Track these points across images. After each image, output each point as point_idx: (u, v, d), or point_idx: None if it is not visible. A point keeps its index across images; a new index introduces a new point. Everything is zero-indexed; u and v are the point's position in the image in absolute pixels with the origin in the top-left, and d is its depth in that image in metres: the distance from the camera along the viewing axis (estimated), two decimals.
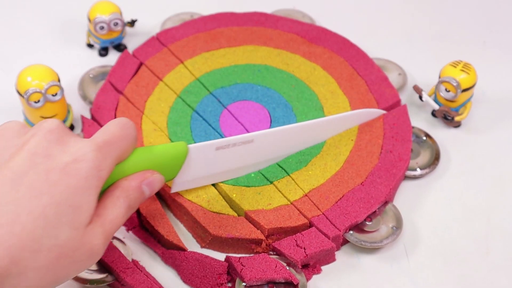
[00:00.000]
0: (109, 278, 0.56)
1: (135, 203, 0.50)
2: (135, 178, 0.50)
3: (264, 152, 0.61)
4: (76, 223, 0.45)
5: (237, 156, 0.59)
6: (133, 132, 0.50)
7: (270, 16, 0.78)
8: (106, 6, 0.74)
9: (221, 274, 0.57)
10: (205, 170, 0.58)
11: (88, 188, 0.46)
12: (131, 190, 0.50)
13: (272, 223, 0.58)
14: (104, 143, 0.48)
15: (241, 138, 0.58)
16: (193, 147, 0.55)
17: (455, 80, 0.66)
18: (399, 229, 0.59)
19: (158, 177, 0.52)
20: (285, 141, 0.62)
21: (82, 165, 0.46)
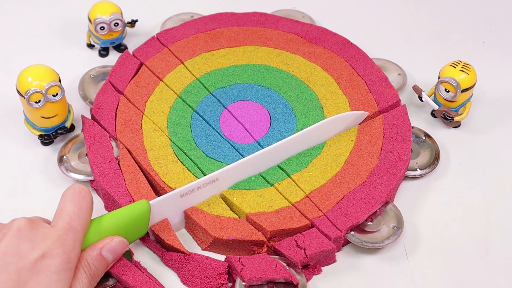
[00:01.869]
0: (111, 282, 0.56)
1: (98, 270, 0.53)
2: (94, 247, 0.53)
3: (232, 181, 0.61)
4: None
5: (205, 195, 0.60)
6: (88, 199, 0.53)
7: (270, 16, 0.78)
8: (107, 6, 0.74)
9: (222, 274, 0.57)
10: (177, 216, 0.60)
11: (60, 281, 0.49)
12: (91, 260, 0.52)
13: (274, 225, 0.58)
14: (66, 232, 0.50)
15: (205, 180, 0.59)
16: (154, 202, 0.57)
17: (454, 80, 0.66)
18: (400, 229, 0.60)
19: (118, 241, 0.54)
20: (251, 169, 0.62)
21: (51, 262, 0.49)
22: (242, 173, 0.62)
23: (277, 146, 0.62)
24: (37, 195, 0.64)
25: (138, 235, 0.57)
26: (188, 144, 0.64)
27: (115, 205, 0.61)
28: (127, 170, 0.62)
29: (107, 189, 0.61)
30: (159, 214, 0.58)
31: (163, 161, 0.63)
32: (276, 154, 0.62)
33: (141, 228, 0.57)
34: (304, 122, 0.66)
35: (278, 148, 0.62)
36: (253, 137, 0.65)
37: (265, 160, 0.62)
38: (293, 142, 0.63)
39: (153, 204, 0.57)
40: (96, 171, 0.62)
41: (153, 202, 0.57)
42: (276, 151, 0.62)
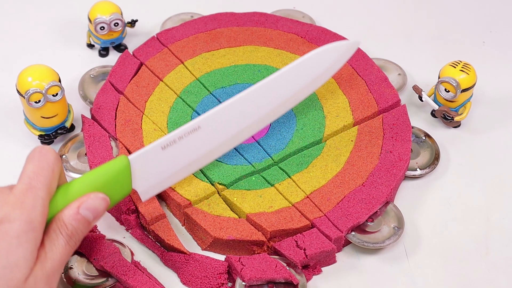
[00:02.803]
0: (110, 282, 0.56)
1: (76, 230, 0.49)
2: (70, 206, 0.50)
3: (218, 133, 0.58)
4: (14, 281, 0.45)
5: (190, 147, 0.57)
6: (50, 157, 0.49)
7: (270, 16, 0.78)
8: (107, 6, 0.74)
9: (221, 273, 0.57)
10: (163, 172, 0.57)
11: (22, 245, 0.46)
12: (67, 219, 0.49)
13: (274, 226, 0.58)
14: (24, 193, 0.47)
15: (186, 128, 0.56)
16: (133, 157, 0.54)
17: (454, 80, 0.66)
18: (400, 229, 0.60)
19: (97, 197, 0.50)
20: (236, 116, 0.59)
21: (9, 227, 0.46)
22: (225, 123, 0.58)
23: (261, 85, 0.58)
24: None
25: (121, 193, 0.53)
26: None
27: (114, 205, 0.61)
28: None
29: None
30: (142, 170, 0.55)
31: None
32: (261, 99, 0.59)
33: (123, 186, 0.53)
34: (304, 122, 0.66)
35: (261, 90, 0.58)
36: (253, 137, 0.65)
37: (248, 105, 0.58)
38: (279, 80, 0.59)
39: (133, 159, 0.54)
40: None
41: (132, 156, 0.54)
42: (260, 94, 0.58)
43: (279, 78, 0.59)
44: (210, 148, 0.59)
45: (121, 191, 0.54)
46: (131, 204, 0.60)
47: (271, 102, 0.60)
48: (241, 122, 0.60)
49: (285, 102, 0.61)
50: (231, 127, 0.59)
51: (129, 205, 0.60)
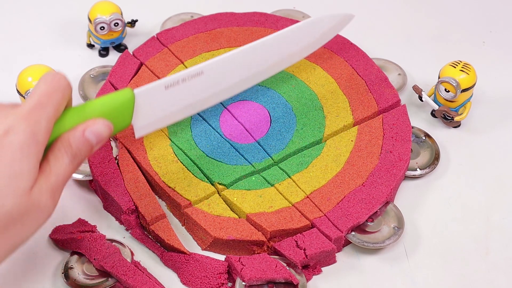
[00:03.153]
0: (110, 282, 0.56)
1: (80, 151, 0.51)
2: (76, 128, 0.51)
3: (218, 81, 0.60)
4: (19, 190, 0.46)
5: (190, 91, 0.59)
6: (63, 81, 0.50)
7: (270, 16, 0.78)
8: (107, 6, 0.74)
9: (221, 273, 0.57)
10: (162, 111, 0.58)
11: (25, 157, 0.47)
12: (72, 140, 0.50)
13: (274, 226, 0.58)
14: (33, 108, 0.48)
15: (190, 71, 0.58)
16: (138, 91, 0.55)
17: (454, 80, 0.66)
18: (401, 229, 0.60)
19: (102, 122, 0.51)
20: (236, 67, 0.61)
21: (14, 138, 0.47)
22: (226, 71, 0.60)
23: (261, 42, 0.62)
24: None
25: (121, 125, 0.54)
26: (188, 144, 0.64)
27: (114, 205, 0.61)
28: (125, 170, 0.62)
29: (106, 188, 0.61)
30: (144, 107, 0.56)
31: (162, 161, 0.63)
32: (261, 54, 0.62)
33: (124, 118, 0.54)
34: (304, 122, 0.66)
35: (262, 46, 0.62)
36: (253, 137, 0.65)
37: (249, 58, 0.61)
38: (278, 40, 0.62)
39: (138, 94, 0.55)
40: (95, 170, 0.62)
41: (137, 90, 0.55)
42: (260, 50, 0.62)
43: (278, 38, 0.62)
44: (210, 94, 0.60)
45: (122, 122, 0.54)
46: (131, 204, 0.60)
47: (268, 59, 0.63)
48: (241, 73, 0.62)
49: (280, 62, 0.65)
50: (231, 76, 0.61)
51: (129, 205, 0.60)
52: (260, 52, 0.62)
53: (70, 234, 0.59)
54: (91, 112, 0.52)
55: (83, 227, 0.60)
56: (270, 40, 0.62)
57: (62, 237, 0.59)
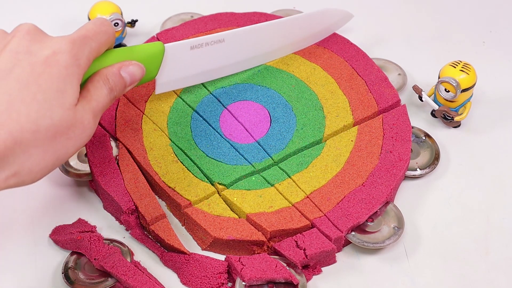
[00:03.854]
0: (110, 282, 0.56)
1: (116, 87, 0.56)
2: (113, 65, 0.56)
3: (236, 51, 0.67)
4: (66, 104, 0.51)
5: (211, 56, 0.65)
6: (110, 28, 0.56)
7: (270, 16, 0.78)
8: (107, 6, 0.74)
9: (221, 273, 0.57)
10: (183, 70, 0.64)
11: (69, 75, 0.51)
12: (110, 75, 0.55)
13: (274, 226, 0.58)
14: (78, 37, 0.53)
15: (213, 37, 0.64)
16: (169, 45, 0.61)
17: (454, 80, 0.66)
18: (401, 229, 0.60)
19: (137, 65, 0.57)
20: (255, 40, 0.68)
21: (61, 57, 0.51)
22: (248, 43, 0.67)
23: (281, 21, 0.69)
24: (36, 194, 0.64)
25: (148, 77, 0.60)
26: (188, 144, 0.64)
27: (114, 205, 0.61)
28: (125, 170, 0.62)
29: (106, 188, 0.61)
30: (169, 63, 0.62)
31: (163, 161, 0.63)
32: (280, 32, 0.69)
33: (151, 70, 0.60)
34: (304, 122, 0.66)
35: (280, 24, 0.69)
36: (253, 137, 0.65)
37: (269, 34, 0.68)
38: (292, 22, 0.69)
39: (167, 48, 0.60)
40: (95, 170, 0.62)
41: (166, 45, 0.60)
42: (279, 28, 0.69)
43: (294, 21, 0.70)
44: (229, 62, 0.67)
45: (149, 73, 0.60)
46: (131, 204, 0.60)
47: (281, 40, 0.70)
48: (257, 47, 0.69)
49: (290, 45, 0.72)
50: (248, 49, 0.68)
51: (129, 205, 0.60)
52: (278, 30, 0.69)
53: (70, 234, 0.59)
54: (125, 55, 0.57)
55: (83, 227, 0.60)
56: (286, 21, 0.69)
57: (62, 237, 0.59)
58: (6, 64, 0.50)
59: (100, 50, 0.55)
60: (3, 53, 0.51)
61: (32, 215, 0.62)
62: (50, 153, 0.51)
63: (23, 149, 0.49)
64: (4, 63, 0.50)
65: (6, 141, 0.48)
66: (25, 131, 0.48)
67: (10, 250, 0.59)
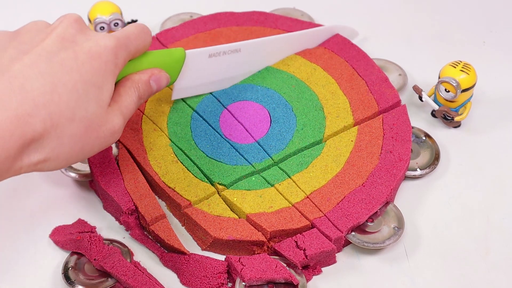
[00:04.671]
0: (110, 282, 0.56)
1: (144, 94, 0.57)
2: (144, 72, 0.57)
3: (250, 61, 0.68)
4: (101, 101, 0.52)
5: (227, 65, 0.66)
6: (149, 36, 0.57)
7: (269, 16, 0.78)
8: (107, 6, 0.74)
9: (221, 273, 0.57)
10: (200, 77, 0.65)
11: (108, 72, 0.52)
12: (140, 83, 0.57)
13: (274, 226, 0.58)
14: (122, 37, 0.54)
15: (230, 46, 0.66)
16: (189, 52, 0.62)
17: (454, 80, 0.66)
18: (401, 229, 0.60)
19: (165, 74, 0.59)
20: (268, 51, 0.69)
21: (104, 51, 0.52)
22: (264, 54, 0.69)
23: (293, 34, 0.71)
24: (36, 194, 0.64)
25: (171, 79, 0.61)
26: (188, 144, 0.64)
27: (114, 205, 0.61)
28: (125, 170, 0.62)
29: (106, 189, 0.61)
30: (188, 69, 0.63)
31: (162, 161, 0.63)
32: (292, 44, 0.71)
33: (172, 74, 0.61)
34: (304, 122, 0.66)
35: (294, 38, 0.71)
36: (253, 137, 0.65)
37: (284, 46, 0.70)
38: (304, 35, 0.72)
39: (188, 54, 0.62)
40: (95, 171, 0.62)
41: (188, 51, 0.62)
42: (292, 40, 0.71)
43: (303, 36, 0.72)
44: (243, 72, 0.69)
45: (171, 78, 0.61)
46: (131, 204, 0.60)
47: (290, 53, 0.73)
48: (269, 59, 0.71)
49: None
50: (262, 60, 0.70)
51: (129, 205, 0.60)
52: (289, 43, 0.71)
53: (70, 234, 0.59)
54: (151, 60, 0.58)
55: (83, 228, 0.60)
56: (300, 35, 0.71)
57: (62, 237, 0.59)
58: (52, 47, 0.51)
59: (135, 54, 0.56)
60: (51, 36, 0.51)
61: (32, 215, 0.62)
62: (79, 146, 0.51)
63: (58, 135, 0.49)
64: (50, 46, 0.51)
65: (45, 122, 0.48)
66: (63, 116, 0.49)
67: (10, 250, 0.59)
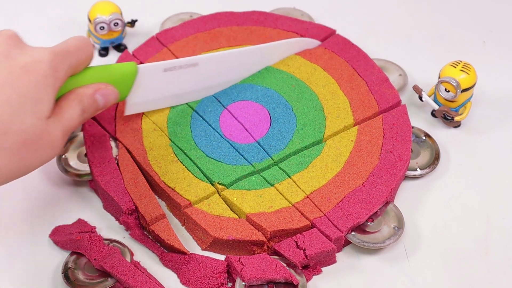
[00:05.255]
0: (110, 282, 0.56)
1: (89, 109, 0.56)
2: (90, 86, 0.56)
3: (209, 76, 0.66)
4: (38, 114, 0.50)
5: (184, 79, 0.64)
6: (90, 47, 0.56)
7: (269, 15, 0.78)
8: (107, 6, 0.74)
9: (221, 272, 0.57)
10: (155, 92, 0.63)
11: (46, 86, 0.51)
12: (84, 96, 0.55)
13: (274, 226, 0.58)
14: (60, 50, 0.53)
15: (187, 60, 0.63)
16: (142, 66, 0.60)
17: (455, 80, 0.66)
18: (401, 229, 0.60)
19: (112, 89, 0.57)
20: (227, 66, 0.67)
21: (41, 66, 0.51)
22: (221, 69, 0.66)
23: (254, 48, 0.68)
24: (36, 195, 0.64)
25: (121, 95, 0.59)
26: (188, 144, 0.64)
27: (114, 205, 0.61)
28: (125, 170, 0.62)
29: (106, 188, 0.61)
30: (142, 83, 0.61)
31: (162, 161, 0.63)
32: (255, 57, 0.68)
33: (123, 90, 0.59)
34: (304, 122, 0.66)
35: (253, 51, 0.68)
36: (253, 137, 0.65)
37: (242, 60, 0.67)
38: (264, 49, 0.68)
39: (140, 69, 0.59)
40: (95, 170, 0.62)
41: (140, 66, 0.60)
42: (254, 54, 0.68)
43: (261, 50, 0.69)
44: (201, 86, 0.66)
45: (121, 93, 0.59)
46: (131, 204, 0.60)
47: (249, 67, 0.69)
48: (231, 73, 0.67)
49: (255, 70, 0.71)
50: (222, 74, 0.67)
51: (129, 205, 0.60)
52: (250, 56, 0.68)
53: (70, 234, 0.59)
54: (97, 75, 0.56)
55: (83, 228, 0.60)
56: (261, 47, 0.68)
57: (61, 237, 0.59)
58: None
59: (78, 68, 0.55)
60: None
61: (32, 215, 0.62)
62: (16, 160, 0.50)
63: None
64: None
65: None
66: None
67: (10, 250, 0.59)
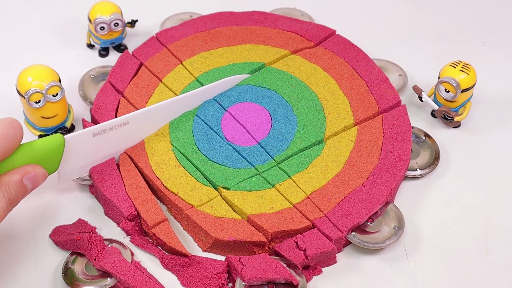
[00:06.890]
0: (110, 282, 0.56)
1: (17, 197, 0.54)
2: (16, 172, 0.54)
3: (141, 130, 0.64)
4: None
5: (115, 140, 0.62)
6: (18, 130, 0.53)
7: (269, 15, 0.78)
8: (107, 6, 0.74)
9: (221, 273, 0.57)
10: (87, 158, 0.61)
11: None
12: (11, 185, 0.53)
13: (276, 227, 0.58)
14: None
15: (116, 121, 0.61)
16: (69, 137, 0.58)
17: (454, 80, 0.66)
18: (401, 229, 0.60)
19: (40, 170, 0.55)
20: (159, 117, 0.65)
21: None
22: (153, 121, 0.64)
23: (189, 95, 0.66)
24: (36, 195, 0.63)
25: (52, 168, 0.57)
26: (190, 148, 0.64)
27: (115, 211, 0.61)
28: (126, 175, 0.62)
29: (107, 194, 0.61)
30: (73, 151, 0.59)
31: (165, 166, 0.63)
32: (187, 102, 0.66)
33: (52, 163, 0.57)
34: (305, 122, 0.66)
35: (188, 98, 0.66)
36: (255, 138, 0.65)
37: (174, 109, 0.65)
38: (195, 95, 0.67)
39: (66, 139, 0.58)
40: (95, 176, 0.62)
41: (67, 136, 0.58)
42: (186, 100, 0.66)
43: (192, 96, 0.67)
44: (134, 142, 0.64)
45: (51, 167, 0.57)
46: (132, 209, 0.59)
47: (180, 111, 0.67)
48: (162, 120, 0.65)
49: None
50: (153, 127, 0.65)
51: (130, 211, 0.59)
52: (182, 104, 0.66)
53: (70, 234, 0.59)
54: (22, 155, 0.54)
55: (83, 228, 0.60)
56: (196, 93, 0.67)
57: (62, 237, 0.59)
58: None
59: (5, 154, 0.53)
60: None
61: (32, 215, 0.62)
62: None
63: None
64: None
65: None
66: None
67: (10, 250, 0.59)
